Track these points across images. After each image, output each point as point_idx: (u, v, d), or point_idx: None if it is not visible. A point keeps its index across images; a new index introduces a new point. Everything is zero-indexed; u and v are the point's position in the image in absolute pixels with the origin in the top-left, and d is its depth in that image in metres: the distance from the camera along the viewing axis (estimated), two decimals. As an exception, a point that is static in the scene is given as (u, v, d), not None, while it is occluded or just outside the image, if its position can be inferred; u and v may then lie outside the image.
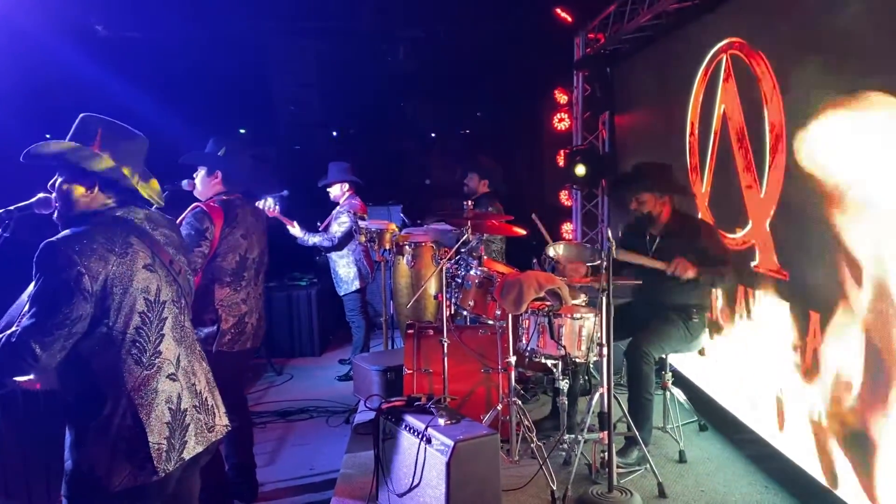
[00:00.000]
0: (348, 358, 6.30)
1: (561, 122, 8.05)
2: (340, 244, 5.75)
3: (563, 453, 3.91)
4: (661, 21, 5.54)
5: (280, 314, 7.01)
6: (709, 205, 4.68)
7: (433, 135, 10.67)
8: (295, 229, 5.69)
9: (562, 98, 8.08)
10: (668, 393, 4.19)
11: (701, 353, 4.45)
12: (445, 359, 3.87)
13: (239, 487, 3.77)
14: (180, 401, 2.16)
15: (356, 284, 5.91)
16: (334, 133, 10.21)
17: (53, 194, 2.18)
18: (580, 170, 7.12)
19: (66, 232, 2.05)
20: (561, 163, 7.91)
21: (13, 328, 1.99)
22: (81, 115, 2.18)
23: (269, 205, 5.31)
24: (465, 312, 4.09)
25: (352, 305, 6.00)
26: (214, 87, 7.50)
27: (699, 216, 4.69)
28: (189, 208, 3.45)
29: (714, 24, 4.53)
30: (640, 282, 3.87)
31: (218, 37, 7.29)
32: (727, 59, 4.28)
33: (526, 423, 3.82)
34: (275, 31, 8.93)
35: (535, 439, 3.75)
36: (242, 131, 8.94)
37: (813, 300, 3.37)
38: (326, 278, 6.46)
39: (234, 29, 7.63)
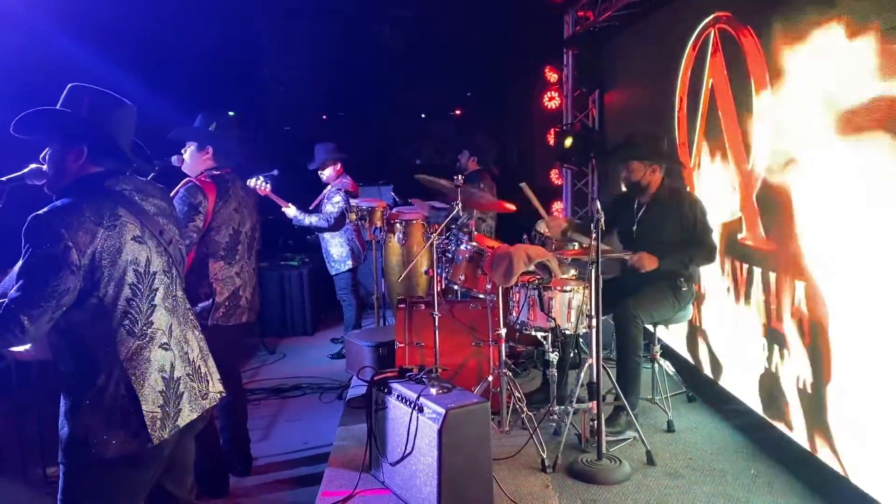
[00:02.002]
0: (341, 336, 6.33)
1: (551, 100, 8.05)
2: (336, 224, 5.74)
3: (553, 424, 3.96)
4: (650, -3, 5.54)
5: (272, 293, 7.01)
6: (697, 179, 4.71)
7: (423, 115, 10.66)
8: (290, 209, 5.67)
9: (552, 76, 8.07)
10: (656, 365, 4.25)
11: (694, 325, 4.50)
12: (437, 332, 3.90)
13: (233, 461, 3.81)
14: (173, 369, 2.19)
15: (348, 264, 5.92)
16: (324, 116, 10.19)
17: (44, 166, 2.19)
18: (568, 141, 7.14)
19: (54, 204, 2.05)
20: (551, 141, 7.91)
21: (2, 301, 2.01)
22: (70, 84, 2.18)
23: (259, 184, 5.28)
24: (456, 287, 4.11)
25: (342, 284, 6.02)
26: (204, 68, 7.46)
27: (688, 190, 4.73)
28: (181, 183, 3.45)
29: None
30: (630, 254, 3.91)
31: (207, 18, 7.24)
32: (715, 33, 4.29)
33: (517, 394, 3.86)
34: (264, 12, 8.89)
35: (525, 409, 3.80)
36: (232, 113, 8.89)
37: (799, 270, 3.42)
38: (318, 258, 6.46)
39: (224, 10, 7.58)
